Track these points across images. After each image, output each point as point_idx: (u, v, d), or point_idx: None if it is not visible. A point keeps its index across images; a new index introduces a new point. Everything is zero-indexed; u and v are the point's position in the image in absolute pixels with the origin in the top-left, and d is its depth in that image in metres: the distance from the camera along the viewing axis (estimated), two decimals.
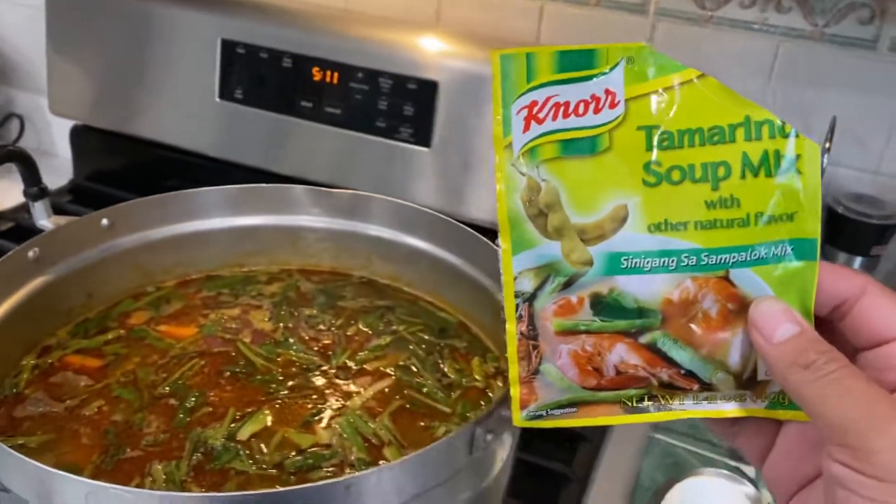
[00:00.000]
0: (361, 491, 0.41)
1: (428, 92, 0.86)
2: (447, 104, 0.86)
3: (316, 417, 0.55)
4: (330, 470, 0.51)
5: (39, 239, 0.59)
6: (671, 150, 0.31)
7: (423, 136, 0.87)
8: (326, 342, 0.63)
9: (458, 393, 0.59)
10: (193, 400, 0.56)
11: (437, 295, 0.69)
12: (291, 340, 0.63)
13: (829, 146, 0.77)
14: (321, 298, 0.68)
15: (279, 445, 0.53)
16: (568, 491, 0.67)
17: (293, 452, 0.52)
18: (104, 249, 0.64)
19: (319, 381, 0.59)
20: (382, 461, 0.51)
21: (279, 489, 0.38)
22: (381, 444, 0.54)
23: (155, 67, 0.99)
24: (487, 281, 0.64)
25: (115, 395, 0.56)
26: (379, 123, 0.88)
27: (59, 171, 1.12)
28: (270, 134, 0.95)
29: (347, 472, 0.50)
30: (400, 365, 0.61)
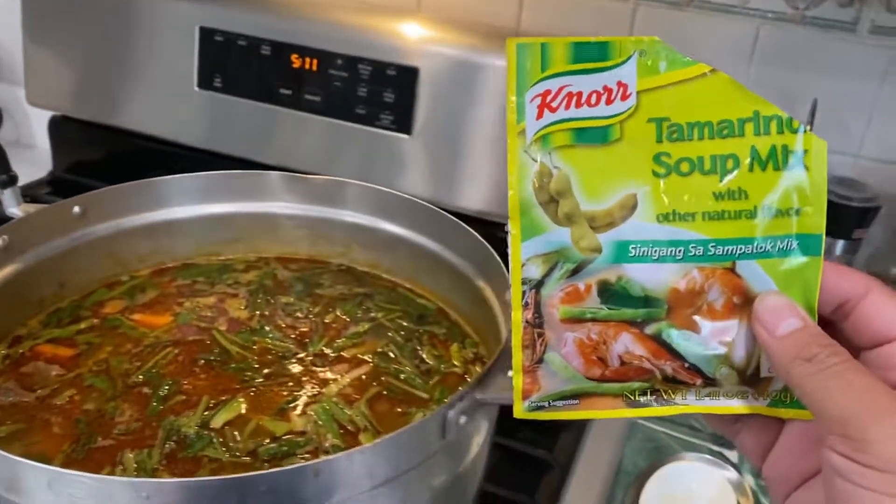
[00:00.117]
0: (331, 476, 0.40)
1: (408, 78, 0.85)
2: (428, 91, 0.85)
3: (291, 405, 0.55)
4: (305, 457, 0.50)
5: (9, 227, 0.58)
6: (681, 142, 0.32)
7: (404, 123, 0.86)
8: (303, 330, 0.63)
9: (436, 379, 0.59)
10: (167, 388, 0.55)
11: (416, 282, 0.68)
12: (267, 328, 0.62)
13: (809, 129, 0.76)
14: (299, 286, 0.68)
15: (253, 433, 0.52)
16: (549, 477, 0.66)
17: (267, 440, 0.51)
18: (76, 238, 0.63)
19: (295, 368, 0.58)
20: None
21: (244, 474, 0.38)
22: (356, 430, 0.53)
23: (133, 56, 0.98)
24: (467, 267, 0.64)
25: (87, 384, 0.56)
26: (359, 110, 0.87)
27: (38, 162, 1.11)
28: (251, 122, 0.94)
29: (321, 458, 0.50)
30: (378, 352, 0.61)
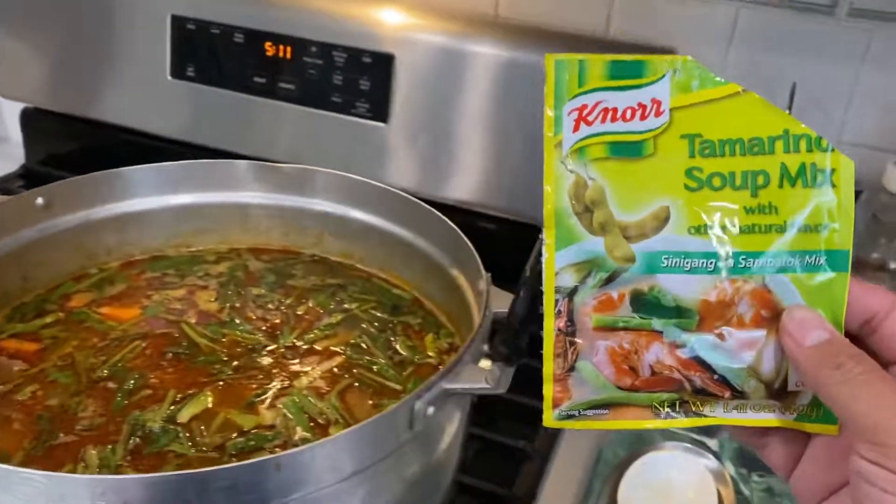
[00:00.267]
0: (294, 469, 0.39)
1: (384, 66, 0.84)
2: (405, 78, 0.84)
3: (260, 398, 0.53)
4: (274, 451, 0.49)
5: None
6: (712, 157, 0.33)
7: (380, 111, 0.85)
8: (275, 322, 0.62)
9: (410, 370, 0.58)
10: (133, 382, 0.54)
11: (390, 271, 0.67)
12: (238, 320, 0.61)
13: (788, 113, 0.75)
14: (270, 277, 0.66)
15: (221, 427, 0.51)
16: (528, 467, 0.65)
17: (235, 434, 0.50)
18: (40, 230, 0.61)
19: (266, 361, 0.57)
20: None
21: (203, 469, 0.37)
22: (327, 423, 0.52)
23: (105, 46, 0.96)
24: (441, 256, 0.63)
25: (50, 379, 0.54)
26: (335, 99, 0.86)
27: (11, 156, 1.09)
28: (226, 112, 0.92)
29: None
30: (350, 343, 0.60)
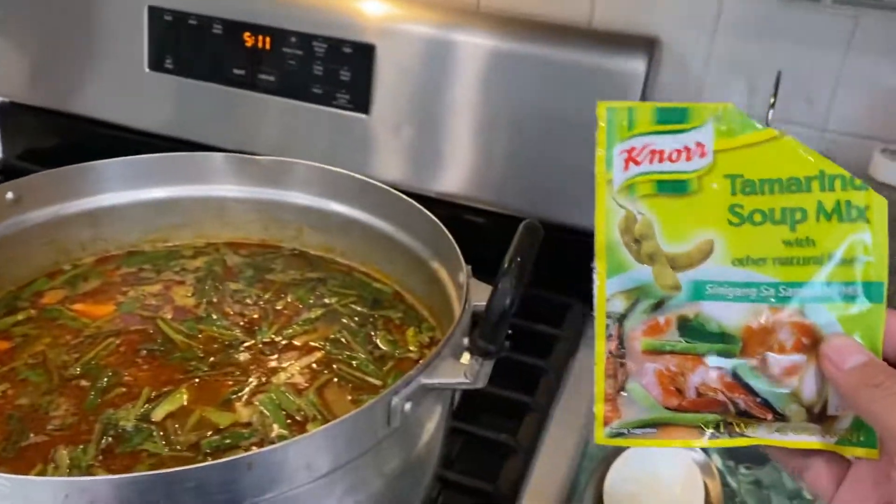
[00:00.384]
0: (266, 468, 0.38)
1: (364, 56, 0.82)
2: (386, 69, 0.83)
3: (236, 395, 0.52)
4: (250, 449, 0.48)
5: None
6: (753, 195, 0.36)
7: (361, 102, 0.84)
8: (253, 317, 0.60)
9: (390, 365, 0.57)
10: (106, 380, 0.53)
11: (371, 265, 0.66)
12: (215, 316, 0.60)
13: (773, 101, 0.75)
14: (249, 272, 0.65)
15: (196, 425, 0.50)
16: (512, 462, 0.64)
17: (210, 432, 0.49)
18: (10, 225, 0.60)
19: (243, 357, 0.56)
20: None
21: (171, 469, 0.35)
22: (305, 419, 0.51)
23: (82, 39, 0.94)
24: (421, 249, 0.62)
25: (21, 377, 0.53)
26: (315, 90, 0.85)
27: None
28: (205, 105, 0.90)
29: None
30: (330, 338, 0.59)
